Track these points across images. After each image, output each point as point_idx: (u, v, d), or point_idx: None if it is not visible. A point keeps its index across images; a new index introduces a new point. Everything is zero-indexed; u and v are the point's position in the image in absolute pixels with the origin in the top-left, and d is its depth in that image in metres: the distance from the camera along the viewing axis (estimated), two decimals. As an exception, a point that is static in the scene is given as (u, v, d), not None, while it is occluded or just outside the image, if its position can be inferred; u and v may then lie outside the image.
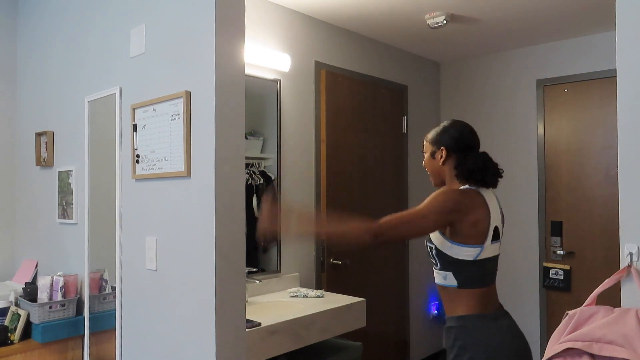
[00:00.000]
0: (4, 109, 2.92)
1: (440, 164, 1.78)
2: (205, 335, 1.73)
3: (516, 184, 3.93)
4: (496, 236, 1.72)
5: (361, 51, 3.56)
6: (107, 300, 2.27)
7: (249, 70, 2.72)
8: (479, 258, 1.67)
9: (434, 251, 1.71)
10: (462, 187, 1.73)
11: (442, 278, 1.72)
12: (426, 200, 1.64)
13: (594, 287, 1.39)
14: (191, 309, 1.79)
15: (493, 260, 1.75)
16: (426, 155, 1.83)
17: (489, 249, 1.69)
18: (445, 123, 1.83)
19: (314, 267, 3.18)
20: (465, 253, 1.65)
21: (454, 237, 1.65)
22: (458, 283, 1.68)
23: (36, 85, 2.82)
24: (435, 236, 1.69)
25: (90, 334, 2.32)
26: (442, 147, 1.77)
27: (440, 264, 1.71)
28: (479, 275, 1.69)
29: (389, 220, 1.57)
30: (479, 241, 1.66)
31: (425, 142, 1.85)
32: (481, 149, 1.84)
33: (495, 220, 1.72)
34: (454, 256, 1.66)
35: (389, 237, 1.58)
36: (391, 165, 3.77)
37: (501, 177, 1.78)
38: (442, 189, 1.71)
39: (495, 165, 1.76)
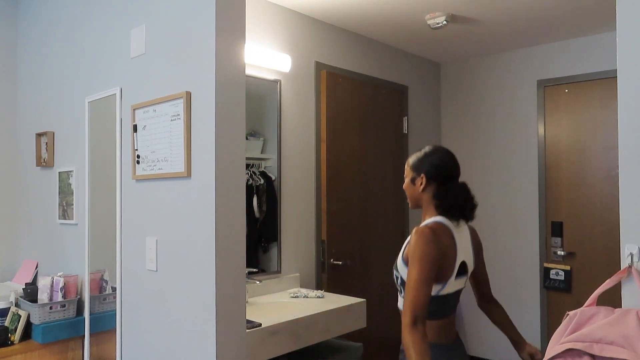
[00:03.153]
0: (5, 110, 2.92)
1: (420, 191, 1.77)
2: (205, 336, 1.73)
3: (517, 184, 3.92)
4: (462, 271, 1.71)
5: (362, 52, 3.56)
6: (108, 300, 2.27)
7: (249, 71, 2.73)
8: (440, 294, 1.67)
9: (399, 280, 1.72)
10: (431, 223, 1.69)
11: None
12: (412, 260, 1.60)
13: (594, 288, 1.39)
14: (191, 309, 1.79)
15: (455, 295, 1.74)
16: (406, 180, 1.83)
17: (451, 285, 1.69)
18: (426, 149, 1.81)
19: (314, 267, 3.18)
20: None
21: None
22: None
23: (36, 85, 2.82)
24: (401, 266, 1.69)
25: (91, 334, 2.32)
26: (422, 175, 1.76)
27: (404, 293, 1.69)
28: (438, 309, 1.69)
29: (407, 310, 1.54)
30: (443, 279, 1.65)
31: (406, 167, 1.84)
32: (482, 149, 1.84)
33: (462, 256, 1.70)
34: None
35: (421, 318, 1.54)
36: (391, 166, 3.77)
37: (476, 208, 1.75)
38: (413, 235, 1.64)
39: (473, 198, 1.75)
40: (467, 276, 1.76)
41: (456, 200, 1.70)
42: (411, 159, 1.82)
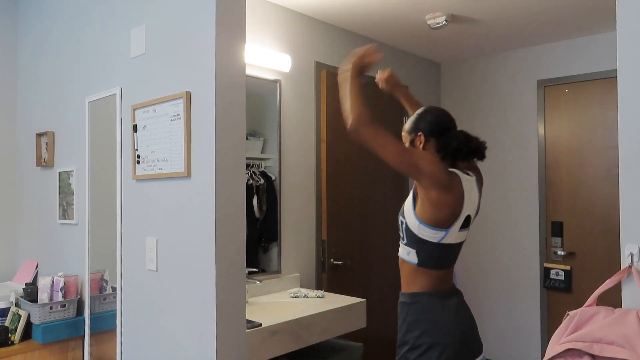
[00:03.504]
0: (5, 110, 2.92)
1: (421, 149, 1.79)
2: (205, 336, 1.73)
3: (517, 184, 3.92)
4: (466, 224, 1.74)
5: (362, 52, 3.56)
6: (108, 300, 2.27)
7: (249, 71, 2.72)
8: (442, 242, 1.70)
9: (404, 225, 1.75)
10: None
11: (406, 253, 1.76)
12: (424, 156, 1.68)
13: (594, 288, 1.39)
14: (192, 309, 1.79)
15: (457, 246, 1.77)
16: (407, 145, 1.85)
17: (454, 235, 1.71)
18: (419, 111, 1.86)
19: (314, 267, 3.18)
20: (428, 234, 1.68)
21: (423, 215, 1.67)
22: (418, 261, 1.72)
23: (37, 85, 2.82)
24: (409, 212, 1.73)
25: (91, 334, 2.32)
26: (419, 133, 1.79)
27: (406, 239, 1.75)
28: (439, 258, 1.73)
29: (374, 129, 1.66)
30: (445, 225, 1.68)
31: (403, 134, 1.87)
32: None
33: (468, 209, 1.72)
34: (419, 235, 1.70)
35: (364, 137, 1.65)
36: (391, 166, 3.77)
37: (486, 148, 1.78)
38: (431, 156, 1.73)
39: (477, 138, 1.77)
40: (468, 230, 1.78)
41: (459, 143, 1.73)
42: (406, 125, 1.86)
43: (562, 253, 3.68)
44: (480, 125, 4.12)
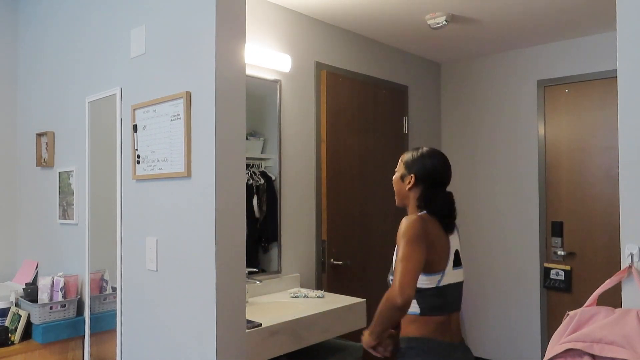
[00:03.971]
0: (5, 110, 2.92)
1: (407, 189, 1.79)
2: (205, 336, 1.73)
3: (517, 184, 3.92)
4: (457, 262, 1.73)
5: (362, 52, 3.56)
6: (108, 300, 2.27)
7: (249, 71, 2.72)
8: (440, 285, 1.68)
9: None
10: (421, 213, 1.73)
11: None
12: (400, 243, 1.63)
13: (594, 288, 1.39)
14: (192, 309, 1.79)
15: (455, 287, 1.74)
16: (397, 174, 1.85)
17: (450, 275, 1.70)
18: (424, 150, 1.82)
19: (314, 267, 3.18)
20: (426, 282, 1.66)
21: None
22: (420, 310, 1.69)
23: (37, 85, 2.82)
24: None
25: (91, 334, 2.33)
26: (412, 174, 1.78)
27: None
28: (439, 302, 1.69)
29: (399, 283, 1.55)
30: (440, 268, 1.67)
31: (400, 161, 1.85)
32: (482, 150, 1.85)
33: (455, 245, 1.74)
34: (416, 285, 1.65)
35: (410, 292, 1.55)
36: (392, 166, 3.74)
37: (454, 219, 1.80)
38: (404, 221, 1.67)
39: (455, 210, 1.78)
40: (462, 268, 1.77)
41: (441, 209, 1.74)
42: (406, 156, 1.84)
43: (562, 253, 3.68)
44: (480, 125, 4.12)
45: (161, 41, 1.95)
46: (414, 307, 1.69)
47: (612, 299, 1.39)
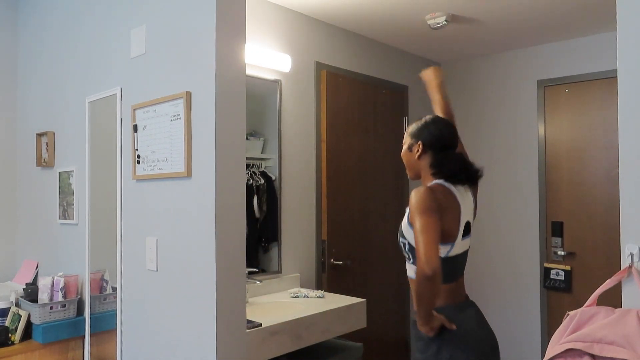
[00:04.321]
0: (5, 110, 2.92)
1: (415, 158, 1.79)
2: (205, 336, 1.73)
3: (517, 184, 3.92)
4: (467, 231, 1.73)
5: (362, 52, 3.56)
6: (108, 300, 2.27)
7: (249, 71, 2.72)
8: (449, 255, 1.68)
9: (407, 247, 1.73)
10: (430, 184, 1.72)
11: (414, 272, 1.72)
12: (414, 216, 1.61)
13: (594, 288, 1.39)
14: (192, 309, 1.79)
15: (463, 256, 1.76)
16: (404, 147, 1.84)
17: (459, 245, 1.71)
18: (427, 118, 1.83)
19: (314, 267, 3.18)
20: None
21: None
22: None
23: (37, 85, 2.82)
24: (407, 232, 1.70)
25: (91, 334, 2.33)
26: (419, 142, 1.78)
27: (412, 259, 1.72)
28: (448, 271, 1.70)
29: (423, 255, 1.54)
30: (450, 239, 1.67)
31: (405, 134, 1.86)
32: (482, 150, 1.85)
33: (466, 215, 1.72)
34: None
35: (436, 260, 1.55)
36: (392, 166, 3.77)
37: (481, 176, 1.77)
38: (413, 193, 1.66)
39: (472, 164, 1.77)
40: (470, 236, 1.76)
41: (454, 167, 1.71)
42: (411, 127, 1.84)
43: (562, 253, 3.68)
44: (480, 125, 4.12)
45: (161, 41, 1.95)
46: None
47: (612, 299, 1.39)
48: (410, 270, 1.76)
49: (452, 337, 1.66)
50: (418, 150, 1.78)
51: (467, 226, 1.72)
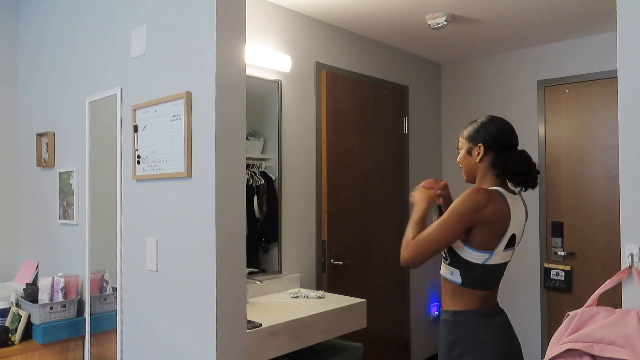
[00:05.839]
0: (5, 110, 2.92)
1: (477, 161, 1.73)
2: (206, 336, 1.73)
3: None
4: (511, 243, 1.69)
5: (362, 52, 3.56)
6: (108, 301, 2.27)
7: (249, 71, 2.72)
8: (487, 263, 1.66)
9: None
10: (491, 189, 1.67)
11: (449, 273, 1.72)
12: (451, 207, 1.62)
13: (595, 288, 1.39)
14: (192, 309, 1.79)
15: (501, 267, 1.73)
16: (462, 152, 1.78)
17: (499, 256, 1.67)
18: (482, 119, 1.78)
19: (314, 267, 3.18)
20: (474, 256, 1.65)
21: (467, 238, 1.64)
22: (462, 282, 1.69)
23: (37, 86, 2.82)
24: None
25: (91, 334, 2.33)
26: (479, 144, 1.72)
27: (449, 259, 1.71)
28: (484, 279, 1.69)
29: (416, 245, 1.60)
30: (490, 247, 1.64)
31: (460, 139, 1.80)
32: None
33: (514, 228, 1.67)
34: (463, 256, 1.66)
35: (419, 259, 1.60)
36: (392, 166, 3.77)
37: (539, 174, 1.73)
38: (469, 190, 1.64)
39: (535, 164, 1.72)
40: (514, 249, 1.73)
41: (519, 167, 1.67)
42: (466, 130, 1.79)
43: (563, 253, 3.67)
44: (481, 125, 4.11)
45: (161, 41, 1.95)
46: (457, 277, 1.69)
47: (613, 299, 1.39)
48: (445, 270, 1.74)
49: (475, 342, 1.65)
50: (479, 153, 1.72)
51: (512, 238, 1.68)
